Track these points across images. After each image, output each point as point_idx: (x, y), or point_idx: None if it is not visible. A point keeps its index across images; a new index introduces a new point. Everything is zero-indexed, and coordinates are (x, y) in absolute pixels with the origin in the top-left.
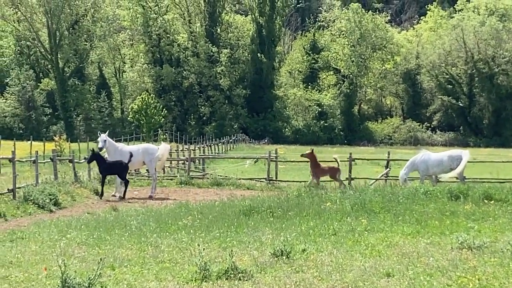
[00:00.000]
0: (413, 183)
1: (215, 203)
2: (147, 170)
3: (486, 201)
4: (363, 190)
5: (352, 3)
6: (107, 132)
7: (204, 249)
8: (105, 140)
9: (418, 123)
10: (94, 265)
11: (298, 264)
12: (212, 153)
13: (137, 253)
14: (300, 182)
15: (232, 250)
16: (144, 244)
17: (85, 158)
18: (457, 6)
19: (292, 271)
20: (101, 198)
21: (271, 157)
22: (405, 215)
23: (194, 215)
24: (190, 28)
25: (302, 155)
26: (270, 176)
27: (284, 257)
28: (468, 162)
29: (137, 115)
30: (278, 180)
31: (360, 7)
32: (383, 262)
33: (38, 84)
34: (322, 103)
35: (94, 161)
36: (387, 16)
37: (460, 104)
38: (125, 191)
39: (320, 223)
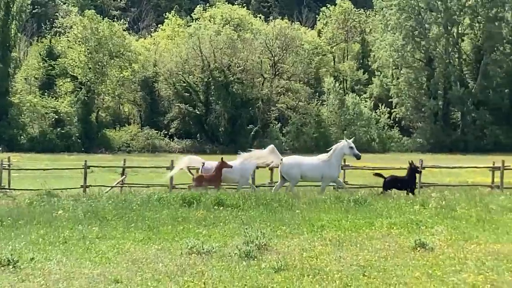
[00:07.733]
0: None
1: None
2: None
3: (217, 207)
4: (96, 198)
5: (87, 10)
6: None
7: None
8: None
9: (156, 131)
10: None
11: (25, 273)
12: None
13: None
14: (35, 190)
15: None
16: None
17: None
18: (194, 15)
19: (18, 280)
20: None
21: (4, 165)
22: (137, 221)
23: None
24: None
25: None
26: (2, 185)
27: (11, 267)
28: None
29: None
30: (12, 189)
31: (97, 14)
32: (112, 269)
33: None
34: (59, 111)
35: None
36: (125, 23)
37: (197, 112)
38: None
39: (51, 231)
